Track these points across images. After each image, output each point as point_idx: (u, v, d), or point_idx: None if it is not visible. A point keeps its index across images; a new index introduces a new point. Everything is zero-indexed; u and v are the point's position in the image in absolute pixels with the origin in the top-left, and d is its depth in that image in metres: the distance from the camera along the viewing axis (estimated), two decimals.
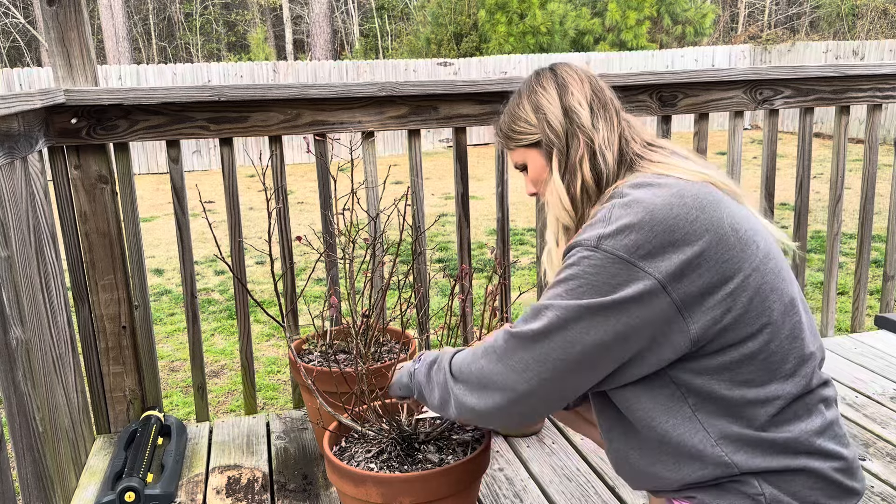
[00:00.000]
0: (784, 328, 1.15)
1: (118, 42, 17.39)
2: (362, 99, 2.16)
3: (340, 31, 23.39)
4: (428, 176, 9.69)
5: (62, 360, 1.90)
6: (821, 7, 20.25)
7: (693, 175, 1.20)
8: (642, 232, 1.09)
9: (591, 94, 1.30)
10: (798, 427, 1.15)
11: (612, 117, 1.29)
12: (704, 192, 1.15)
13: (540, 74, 1.35)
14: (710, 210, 1.12)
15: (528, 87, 1.34)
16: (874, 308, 3.88)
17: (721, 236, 1.11)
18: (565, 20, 14.75)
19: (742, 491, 1.16)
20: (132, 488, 1.77)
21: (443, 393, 1.28)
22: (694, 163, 1.26)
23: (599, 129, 1.27)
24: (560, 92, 1.30)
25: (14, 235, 1.62)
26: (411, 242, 2.20)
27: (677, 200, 1.12)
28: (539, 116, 1.30)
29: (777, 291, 1.15)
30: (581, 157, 1.26)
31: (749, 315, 1.12)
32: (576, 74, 1.33)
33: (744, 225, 1.15)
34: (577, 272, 1.11)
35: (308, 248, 1.61)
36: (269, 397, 3.63)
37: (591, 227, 1.14)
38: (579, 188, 1.26)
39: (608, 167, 1.25)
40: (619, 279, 1.08)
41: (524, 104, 1.33)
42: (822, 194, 7.29)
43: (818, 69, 2.51)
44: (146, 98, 2.00)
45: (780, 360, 1.15)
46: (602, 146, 1.26)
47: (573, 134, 1.27)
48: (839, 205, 2.70)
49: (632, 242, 1.08)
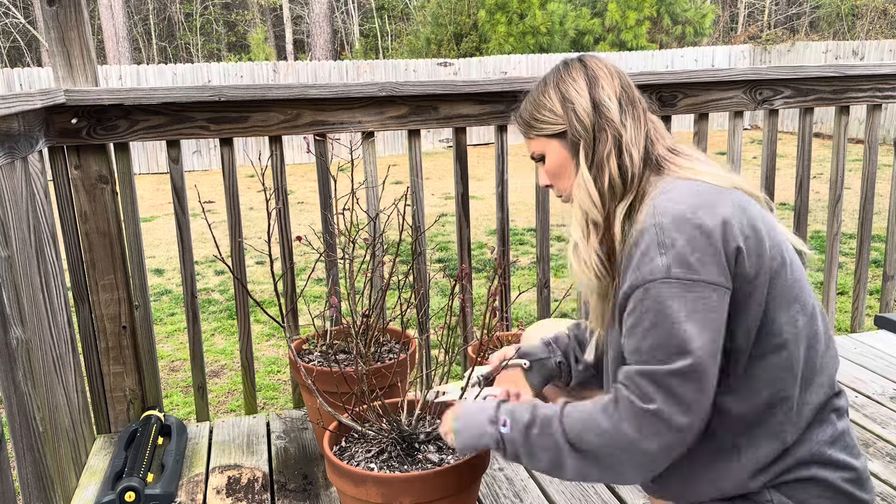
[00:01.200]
0: (806, 337, 1.15)
1: (118, 42, 17.39)
2: (362, 99, 2.16)
3: (340, 31, 23.39)
4: (428, 176, 9.69)
5: (62, 360, 1.90)
6: (820, 7, 20.25)
7: (722, 180, 1.20)
8: (699, 246, 1.09)
9: (621, 90, 1.28)
10: (810, 437, 1.15)
11: (639, 115, 1.27)
12: (734, 196, 1.17)
13: (569, 64, 1.32)
14: (740, 212, 1.14)
15: (556, 76, 1.31)
16: (874, 308, 3.88)
17: (758, 238, 1.13)
18: (565, 20, 14.75)
19: (751, 499, 1.16)
20: (132, 488, 1.77)
21: (556, 458, 1.17)
22: (720, 168, 1.26)
23: (627, 126, 1.25)
24: (590, 84, 1.27)
25: (14, 235, 1.62)
26: (411, 242, 2.20)
27: (718, 210, 1.12)
28: (567, 107, 1.27)
29: (800, 301, 1.15)
30: (608, 152, 1.23)
31: (776, 321, 1.13)
32: (605, 68, 1.30)
33: (770, 225, 1.18)
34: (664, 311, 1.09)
35: (308, 248, 1.61)
36: (269, 397, 3.63)
37: (646, 256, 1.11)
38: (606, 183, 1.23)
39: (634, 165, 1.23)
40: (701, 297, 1.08)
41: (550, 92, 1.30)
42: (821, 194, 7.29)
43: (818, 69, 2.51)
44: (146, 98, 2.00)
45: (802, 371, 1.15)
46: (629, 143, 1.24)
47: (601, 128, 1.25)
48: (839, 205, 2.70)
49: (696, 260, 1.09)
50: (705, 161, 1.28)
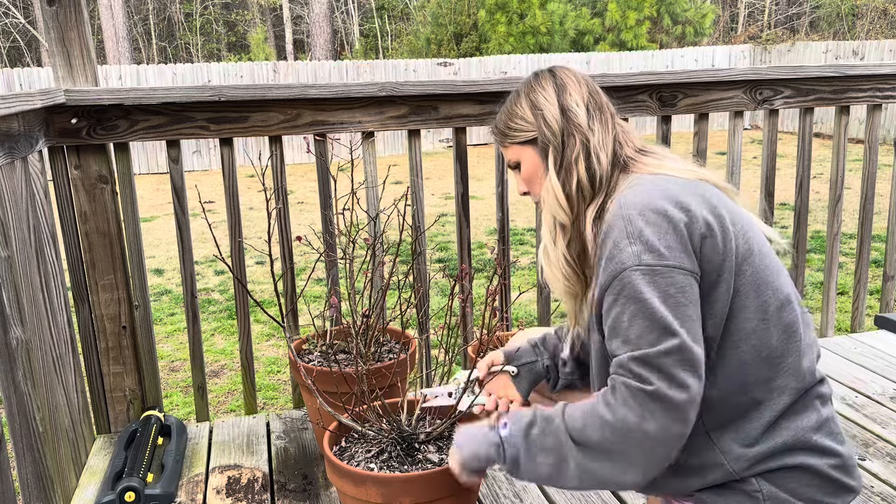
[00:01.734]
0: (780, 323, 1.18)
1: (118, 42, 17.39)
2: (362, 99, 2.16)
3: (340, 31, 23.39)
4: (428, 176, 9.69)
5: (62, 360, 1.90)
6: (821, 7, 20.25)
7: (687, 173, 1.25)
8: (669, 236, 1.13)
9: (588, 97, 1.33)
10: (795, 423, 1.17)
11: (607, 120, 1.32)
12: (701, 187, 1.22)
13: (539, 75, 1.37)
14: (712, 206, 1.18)
15: (527, 86, 1.36)
16: (874, 308, 3.88)
17: (723, 227, 1.17)
18: (565, 20, 14.75)
19: (741, 489, 1.18)
20: (132, 488, 1.77)
21: (557, 459, 1.17)
22: (687, 164, 1.31)
23: (595, 131, 1.29)
24: (558, 91, 1.32)
25: (14, 235, 1.62)
26: (411, 242, 2.20)
27: (682, 200, 1.17)
28: (536, 114, 1.32)
29: (772, 287, 1.18)
30: (577, 156, 1.28)
31: (747, 307, 1.16)
32: (574, 77, 1.35)
33: (737, 215, 1.21)
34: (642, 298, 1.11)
35: (308, 248, 1.61)
36: (269, 397, 3.63)
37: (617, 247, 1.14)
38: (574, 187, 1.27)
39: (602, 168, 1.27)
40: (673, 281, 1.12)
41: (521, 102, 1.35)
42: (821, 194, 7.29)
43: (818, 69, 2.51)
44: (146, 98, 2.00)
45: (778, 357, 1.17)
46: (597, 147, 1.28)
47: (569, 133, 1.29)
48: (839, 205, 2.70)
49: (665, 248, 1.13)
50: (673, 158, 1.32)
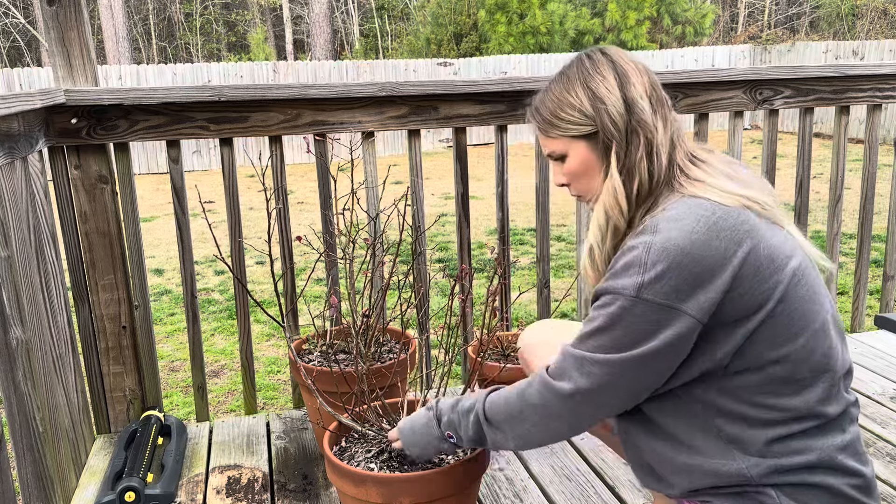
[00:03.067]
0: (815, 352, 1.14)
1: (118, 42, 17.39)
2: (362, 99, 2.16)
3: (340, 31, 23.38)
4: (428, 176, 9.69)
5: (62, 360, 1.90)
6: (821, 7, 20.25)
7: (730, 199, 1.13)
8: (681, 276, 1.07)
9: (651, 88, 1.21)
10: (821, 442, 1.15)
11: (667, 116, 1.21)
12: (741, 222, 1.11)
13: (594, 59, 1.22)
14: (746, 242, 1.09)
15: (583, 72, 1.21)
16: (874, 308, 3.88)
17: (756, 268, 1.09)
18: (565, 20, 14.75)
19: (759, 500, 1.15)
20: (132, 488, 1.77)
21: (476, 437, 1.32)
22: (734, 181, 1.18)
23: (658, 128, 1.19)
24: (621, 81, 1.20)
25: (14, 235, 1.62)
26: (411, 242, 2.20)
27: (714, 236, 1.08)
28: (598, 106, 1.19)
29: (808, 316, 1.13)
30: (640, 156, 1.18)
31: (777, 340, 1.12)
32: (632, 64, 1.22)
33: (778, 252, 1.12)
34: (618, 322, 1.11)
35: (308, 248, 1.61)
36: (269, 397, 3.63)
37: (626, 271, 1.11)
38: (636, 189, 1.18)
39: (661, 170, 1.18)
40: (662, 323, 1.09)
41: (577, 90, 1.21)
42: (821, 194, 7.29)
43: (818, 69, 2.51)
44: (146, 98, 2.00)
45: (809, 382, 1.14)
46: (659, 147, 1.18)
47: (633, 130, 1.18)
48: (839, 205, 2.70)
49: (671, 288, 1.08)
50: (720, 170, 1.21)
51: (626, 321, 1.11)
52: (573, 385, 1.16)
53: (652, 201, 1.18)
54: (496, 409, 1.29)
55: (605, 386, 1.14)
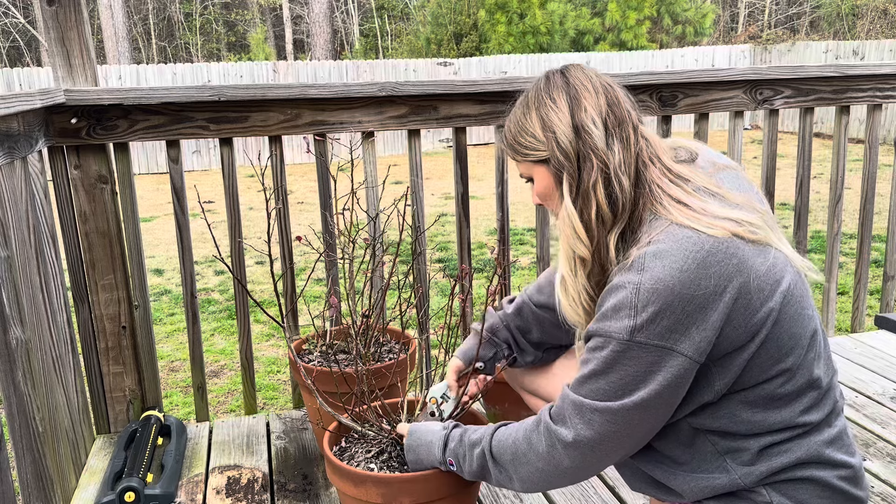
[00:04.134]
0: (803, 367, 1.15)
1: (118, 42, 17.39)
2: (362, 99, 2.15)
3: (340, 31, 23.38)
4: (428, 176, 9.69)
5: (62, 361, 1.89)
6: (821, 7, 20.25)
7: (718, 228, 1.09)
8: (673, 316, 1.06)
9: (607, 109, 1.18)
10: (809, 439, 1.16)
11: (628, 136, 1.17)
12: (729, 256, 1.08)
13: (550, 81, 1.22)
14: (736, 277, 1.07)
15: (537, 97, 1.22)
16: (874, 308, 3.88)
17: (747, 301, 1.08)
18: (565, 20, 14.75)
19: (749, 498, 1.17)
20: (132, 488, 1.77)
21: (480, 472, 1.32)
22: (720, 202, 1.15)
23: (615, 151, 1.15)
24: (572, 106, 1.18)
25: (14, 235, 1.62)
26: (411, 242, 2.19)
27: (703, 274, 1.06)
28: (548, 134, 1.18)
29: (797, 334, 1.13)
30: (594, 182, 1.15)
31: (769, 362, 1.13)
32: (590, 84, 1.19)
33: (768, 279, 1.10)
34: (613, 366, 1.10)
35: (308, 248, 1.61)
36: (269, 397, 3.63)
37: (617, 313, 1.08)
38: (594, 215, 1.15)
39: (624, 193, 1.15)
40: (657, 365, 1.08)
41: (532, 116, 1.21)
42: (822, 194, 7.29)
43: (818, 69, 2.51)
44: (146, 98, 2.00)
45: (797, 395, 1.15)
46: (617, 170, 1.15)
47: (585, 156, 1.16)
48: (839, 205, 2.70)
49: (665, 329, 1.06)
50: (704, 187, 1.17)
51: (620, 365, 1.09)
52: (574, 433, 1.15)
53: (629, 225, 1.15)
54: (503, 447, 1.26)
55: (608, 435, 1.13)
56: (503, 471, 1.27)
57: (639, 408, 1.10)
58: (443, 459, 1.36)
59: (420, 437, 1.41)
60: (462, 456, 1.33)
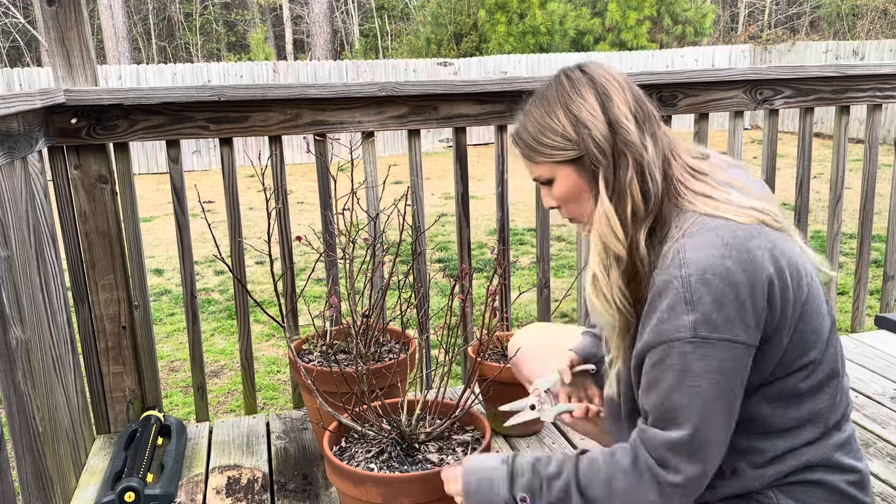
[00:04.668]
0: (825, 361, 1.14)
1: (118, 42, 17.39)
2: (362, 99, 2.15)
3: (340, 31, 23.38)
4: (428, 176, 9.69)
5: (62, 361, 1.89)
6: (821, 7, 20.25)
7: (745, 215, 1.10)
8: (728, 303, 1.04)
9: (635, 104, 1.15)
10: (820, 444, 1.16)
11: (656, 131, 1.16)
12: (765, 240, 1.09)
13: (573, 79, 1.17)
14: (774, 261, 1.08)
15: (562, 94, 1.16)
16: (874, 308, 3.88)
17: (784, 286, 1.08)
18: (565, 20, 14.75)
19: (756, 499, 1.16)
20: (132, 488, 1.76)
21: None
22: (741, 193, 1.16)
23: (648, 147, 1.13)
24: (602, 101, 1.14)
25: (14, 235, 1.62)
26: (411, 242, 2.19)
27: (745, 258, 1.06)
28: (581, 131, 1.13)
29: (820, 328, 1.13)
30: (631, 178, 1.12)
31: (796, 354, 1.12)
32: (615, 80, 1.16)
33: (796, 267, 1.11)
34: (687, 372, 1.06)
35: (308, 248, 1.61)
36: (269, 397, 3.63)
37: (673, 312, 1.06)
38: (630, 212, 1.13)
39: (657, 187, 1.13)
40: (726, 359, 1.06)
41: (559, 114, 1.16)
42: (822, 194, 7.29)
43: (818, 69, 2.51)
44: (146, 98, 2.00)
45: (818, 390, 1.15)
46: (651, 165, 1.13)
47: (620, 152, 1.13)
48: (839, 205, 2.70)
49: (724, 319, 1.04)
50: (727, 182, 1.17)
51: (692, 368, 1.06)
52: (684, 475, 1.10)
53: (657, 221, 1.14)
54: (594, 483, 1.17)
55: (708, 451, 1.09)
56: None
57: (720, 407, 1.07)
58: (511, 496, 1.23)
59: (479, 475, 1.27)
60: (538, 488, 1.22)
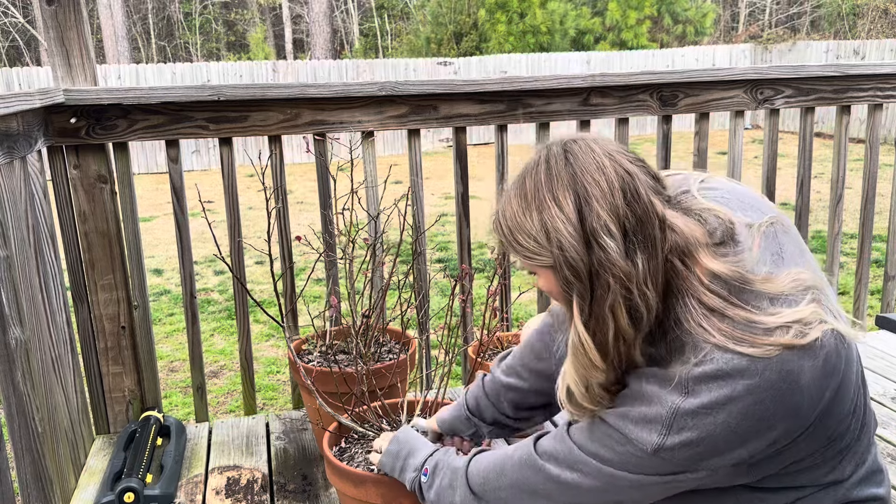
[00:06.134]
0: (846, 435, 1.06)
1: (117, 41, 17.39)
2: (362, 98, 2.15)
3: (340, 31, 23.38)
4: (428, 176, 9.68)
5: (61, 361, 1.89)
6: (822, 6, 20.25)
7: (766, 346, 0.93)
8: (708, 447, 0.96)
9: (625, 209, 0.95)
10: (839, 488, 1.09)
11: (653, 237, 0.95)
12: (782, 378, 0.94)
13: (552, 170, 0.99)
14: (787, 407, 0.95)
15: (539, 192, 0.99)
16: (875, 308, 3.88)
17: (797, 425, 0.98)
18: (565, 19, 14.75)
19: None
20: (131, 489, 1.76)
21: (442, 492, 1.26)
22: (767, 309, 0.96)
23: (638, 264, 0.94)
24: (580, 210, 0.95)
25: (13, 235, 1.62)
26: (411, 242, 2.19)
27: (752, 408, 0.94)
28: (552, 243, 0.97)
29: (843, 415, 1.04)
30: (612, 303, 0.95)
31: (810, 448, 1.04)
32: (602, 177, 0.96)
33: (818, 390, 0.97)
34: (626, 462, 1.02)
35: (308, 248, 1.61)
36: (268, 397, 3.63)
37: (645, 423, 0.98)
38: (611, 336, 0.97)
39: (650, 307, 0.96)
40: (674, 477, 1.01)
41: (532, 216, 0.99)
42: (822, 194, 7.29)
43: (819, 68, 2.50)
44: (145, 98, 2.00)
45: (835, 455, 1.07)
46: (642, 285, 0.95)
47: (598, 274, 0.95)
48: (840, 205, 2.69)
49: (694, 455, 0.97)
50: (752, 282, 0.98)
51: (631, 464, 1.01)
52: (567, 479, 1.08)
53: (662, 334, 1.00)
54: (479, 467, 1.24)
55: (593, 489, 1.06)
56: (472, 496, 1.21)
57: (636, 487, 1.02)
58: (422, 465, 1.32)
59: (409, 437, 1.39)
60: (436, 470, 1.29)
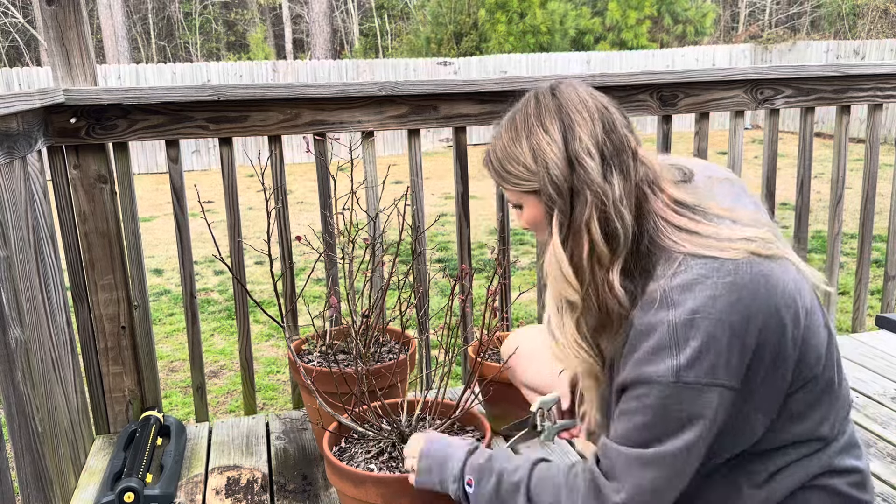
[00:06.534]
0: (822, 375, 1.12)
1: (117, 41, 17.39)
2: (362, 98, 2.15)
3: (340, 31, 23.38)
4: (428, 176, 9.68)
5: (61, 361, 1.89)
6: (822, 6, 20.25)
7: (732, 250, 1.04)
8: (715, 348, 1.01)
9: (603, 136, 1.07)
10: (821, 455, 1.15)
11: (628, 165, 1.07)
12: (754, 275, 1.03)
13: (541, 104, 1.11)
14: (764, 298, 1.03)
15: (528, 122, 1.11)
16: (875, 308, 3.87)
17: (779, 321, 1.05)
18: (565, 19, 14.75)
19: None
20: (131, 489, 1.76)
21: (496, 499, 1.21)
22: (728, 221, 1.09)
23: (614, 184, 1.06)
24: (565, 134, 1.07)
25: (13, 235, 1.62)
26: (411, 242, 2.19)
27: (734, 299, 1.01)
28: (539, 165, 1.08)
29: (818, 348, 1.10)
30: (588, 218, 1.05)
31: (798, 381, 1.10)
32: (585, 108, 1.08)
33: (791, 298, 1.06)
34: (665, 412, 1.04)
35: (308, 248, 1.62)
36: (268, 397, 3.63)
37: (656, 355, 1.02)
38: (586, 254, 1.06)
39: (626, 227, 1.06)
40: (710, 402, 1.03)
41: (522, 144, 1.10)
42: (822, 194, 7.29)
43: (819, 68, 2.50)
44: (145, 98, 2.00)
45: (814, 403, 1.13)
46: (617, 204, 1.05)
47: (578, 191, 1.06)
48: (840, 205, 2.69)
49: (710, 365, 1.01)
50: (710, 210, 1.10)
51: (671, 409, 1.03)
52: (627, 494, 1.07)
53: (636, 261, 1.08)
54: (544, 489, 1.16)
55: (662, 484, 1.07)
56: None
57: (690, 447, 1.05)
58: (461, 473, 1.26)
59: (441, 444, 1.33)
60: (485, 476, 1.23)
